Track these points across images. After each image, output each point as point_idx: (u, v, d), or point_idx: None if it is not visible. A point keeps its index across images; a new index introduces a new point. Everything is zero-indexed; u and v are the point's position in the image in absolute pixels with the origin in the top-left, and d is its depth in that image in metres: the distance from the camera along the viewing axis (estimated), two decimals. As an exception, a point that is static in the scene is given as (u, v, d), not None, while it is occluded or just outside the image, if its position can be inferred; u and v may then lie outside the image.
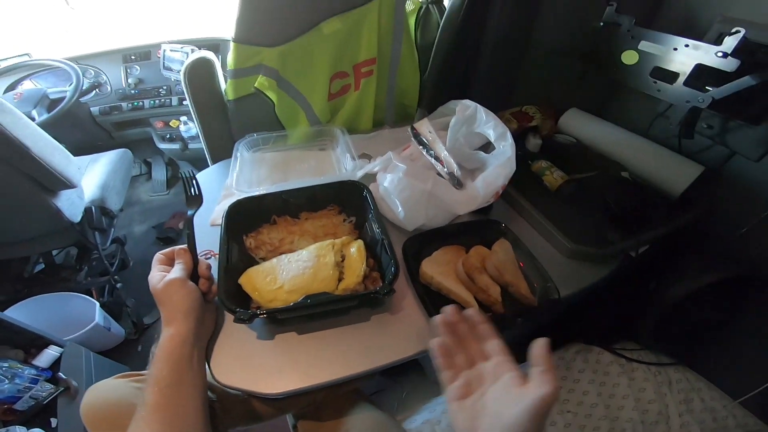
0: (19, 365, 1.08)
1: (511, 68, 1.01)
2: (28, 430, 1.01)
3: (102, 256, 1.40)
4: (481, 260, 0.69)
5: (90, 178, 1.46)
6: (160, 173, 2.17)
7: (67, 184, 1.18)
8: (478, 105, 0.76)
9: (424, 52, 1.06)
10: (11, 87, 1.59)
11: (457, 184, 0.78)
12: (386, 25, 0.96)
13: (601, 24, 0.84)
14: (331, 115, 1.03)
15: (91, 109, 1.70)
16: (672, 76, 0.75)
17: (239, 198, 0.73)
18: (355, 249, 0.66)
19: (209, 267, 0.61)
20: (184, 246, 0.61)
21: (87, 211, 1.34)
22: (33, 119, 1.42)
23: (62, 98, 1.45)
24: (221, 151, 1.01)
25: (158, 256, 0.60)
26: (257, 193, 0.74)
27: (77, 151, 1.69)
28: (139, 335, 1.51)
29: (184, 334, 0.51)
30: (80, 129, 1.72)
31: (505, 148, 0.70)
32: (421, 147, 0.83)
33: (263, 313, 0.57)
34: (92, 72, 1.68)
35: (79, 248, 1.52)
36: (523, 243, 0.71)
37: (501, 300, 0.64)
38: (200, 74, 0.91)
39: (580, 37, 0.91)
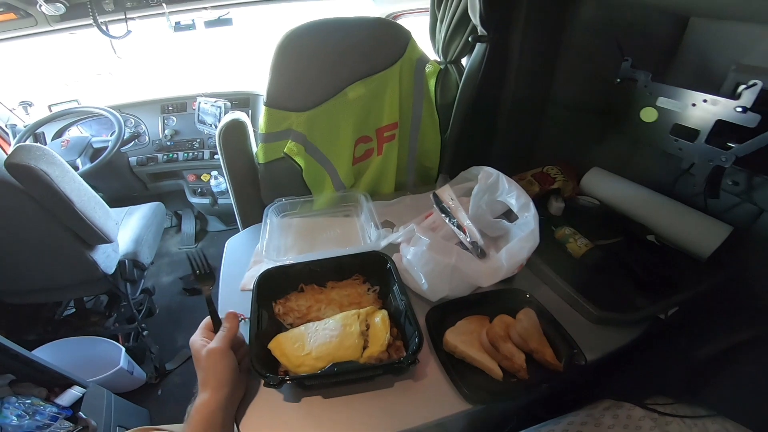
0: (41, 402, 1.13)
1: (531, 125, 1.04)
2: None
3: (131, 304, 1.46)
4: (505, 328, 0.69)
5: (125, 231, 1.53)
6: (189, 226, 2.26)
7: (105, 239, 1.25)
8: (501, 173, 0.79)
9: (444, 113, 1.10)
10: (59, 133, 1.70)
11: (480, 254, 0.79)
12: (407, 89, 1.02)
13: (618, 81, 0.84)
14: (354, 179, 1.07)
15: (130, 159, 1.79)
16: (692, 134, 0.74)
17: (269, 267, 0.76)
18: (380, 319, 0.68)
19: (241, 336, 0.65)
20: (233, 312, 0.66)
21: (120, 264, 1.41)
22: (77, 168, 1.53)
23: (105, 147, 1.54)
24: (251, 212, 1.06)
25: (206, 321, 0.66)
26: (286, 263, 0.77)
27: (114, 201, 1.79)
28: (160, 380, 1.54)
29: (220, 401, 0.55)
30: (119, 178, 1.82)
31: (528, 219, 0.72)
32: (443, 215, 0.86)
33: (291, 379, 0.60)
34: (132, 121, 1.78)
35: (110, 296, 1.58)
36: (547, 311, 0.72)
37: (525, 366, 0.64)
38: (234, 136, 0.98)
39: (598, 93, 0.92)
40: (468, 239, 0.80)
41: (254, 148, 1.02)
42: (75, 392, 1.19)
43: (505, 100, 1.03)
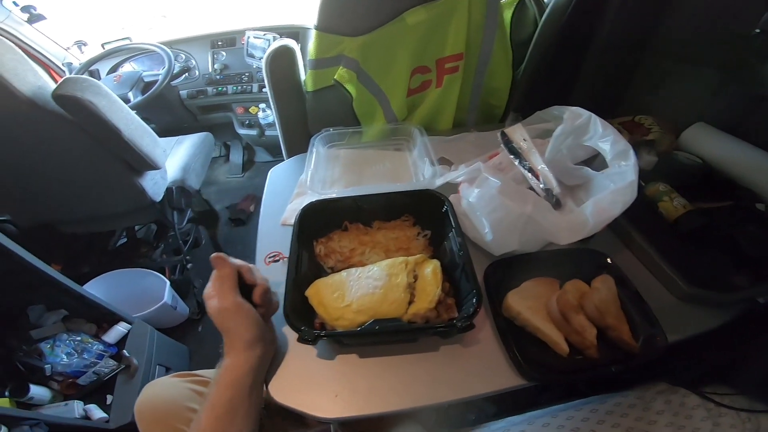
0: (90, 339, 1.16)
1: (624, 74, 0.86)
2: (84, 405, 1.07)
3: (177, 234, 1.48)
4: (578, 297, 0.59)
5: (173, 159, 1.54)
6: (237, 157, 2.27)
7: (153, 166, 1.25)
8: (593, 114, 0.64)
9: (517, 49, 0.94)
10: (113, 69, 1.72)
11: (555, 203, 0.67)
12: (477, 19, 0.86)
13: (757, 31, 0.68)
14: (408, 112, 0.95)
15: (180, 92, 1.79)
16: None
17: (312, 201, 0.68)
18: (430, 270, 0.59)
19: (267, 291, 0.55)
20: (219, 255, 0.54)
21: (168, 190, 1.41)
22: (129, 100, 1.53)
23: (155, 81, 1.54)
24: (296, 143, 0.99)
25: (216, 259, 0.54)
26: (331, 197, 0.69)
27: (165, 132, 1.81)
28: (202, 316, 1.58)
29: (245, 367, 0.48)
30: (169, 111, 1.83)
31: (626, 170, 0.58)
32: (512, 156, 0.73)
33: (328, 336, 0.53)
34: (183, 56, 1.76)
35: (158, 226, 1.61)
36: (629, 281, 0.60)
37: (596, 344, 0.54)
38: (281, 63, 0.89)
39: (721, 44, 0.76)
40: (541, 185, 0.68)
41: (302, 77, 0.93)
42: (121, 329, 1.22)
43: (597, 42, 0.85)
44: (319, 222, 0.69)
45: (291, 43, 0.90)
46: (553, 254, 0.64)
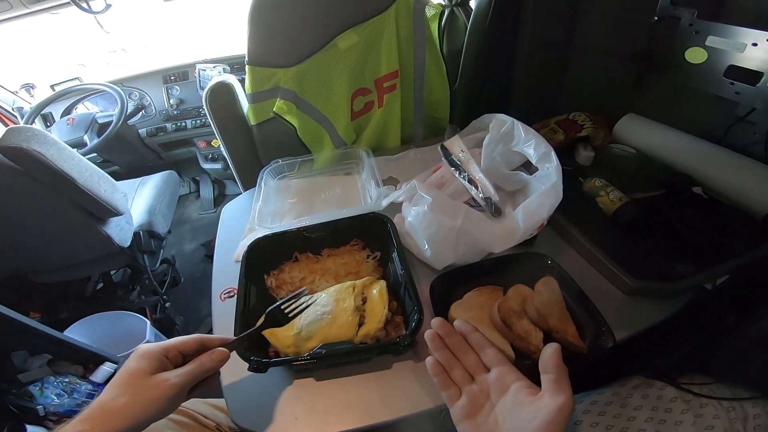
0: (78, 380, 1.17)
1: (553, 73, 0.90)
2: None
3: (151, 277, 1.48)
4: (521, 302, 0.61)
5: (138, 202, 1.54)
6: (207, 192, 2.27)
7: (114, 212, 1.25)
8: (516, 120, 0.67)
9: (452, 60, 0.97)
10: (67, 111, 1.71)
11: (495, 211, 0.70)
12: (406, 35, 0.90)
13: (656, 18, 0.73)
14: (356, 135, 0.98)
15: (139, 131, 1.79)
16: (753, 76, 0.64)
17: (258, 236, 0.71)
18: (377, 291, 0.62)
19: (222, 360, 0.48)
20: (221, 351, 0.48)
21: (136, 235, 1.41)
22: (85, 144, 1.53)
23: (110, 122, 1.54)
24: (250, 176, 0.99)
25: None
26: (278, 230, 0.71)
27: (130, 172, 1.82)
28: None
29: None
30: (131, 151, 1.83)
31: (550, 172, 0.61)
32: (453, 168, 0.76)
33: (275, 364, 0.55)
34: (137, 94, 1.77)
35: (132, 269, 1.61)
36: (573, 280, 0.62)
37: (542, 347, 0.56)
38: (222, 99, 0.91)
39: (631, 34, 0.80)
40: (480, 195, 0.71)
41: (246, 110, 0.95)
42: (107, 368, 1.23)
43: (522, 43, 0.89)
44: (268, 255, 0.71)
45: (228, 78, 0.92)
46: (496, 262, 0.66)
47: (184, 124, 1.78)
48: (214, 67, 1.65)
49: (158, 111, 1.78)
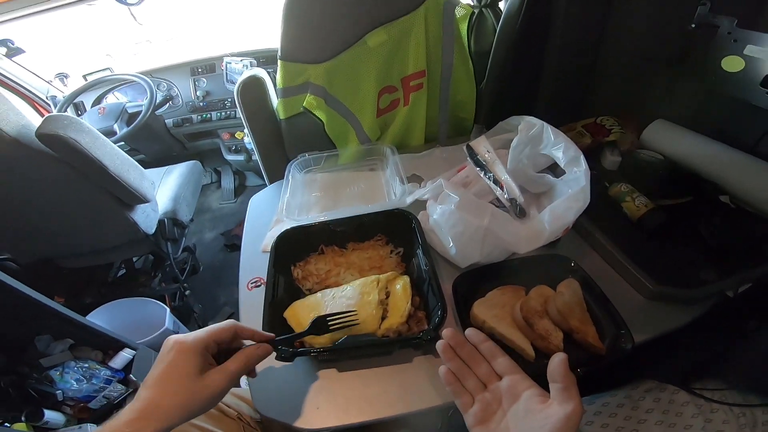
0: (97, 366, 1.21)
1: (582, 76, 0.90)
2: (97, 426, 1.12)
3: (173, 264, 1.52)
4: (542, 302, 0.62)
5: (163, 190, 1.58)
6: (228, 182, 2.32)
7: (142, 199, 1.29)
8: (545, 123, 0.68)
9: (480, 61, 0.98)
10: (98, 100, 1.77)
11: (519, 212, 0.71)
12: (435, 34, 0.91)
13: (693, 26, 0.72)
14: (380, 132, 1.00)
15: (166, 121, 1.83)
16: None
17: (287, 228, 0.73)
18: (401, 286, 0.63)
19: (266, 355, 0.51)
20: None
21: (160, 223, 1.46)
22: (115, 132, 1.58)
23: (139, 112, 1.58)
24: (277, 169, 1.02)
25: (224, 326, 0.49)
26: (305, 223, 0.74)
27: (155, 161, 1.86)
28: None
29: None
30: (157, 140, 1.87)
31: (578, 176, 0.62)
32: (478, 169, 0.77)
33: (300, 354, 0.57)
34: (165, 85, 1.81)
35: (155, 256, 1.66)
36: (595, 283, 0.63)
37: (563, 347, 0.57)
38: (253, 93, 0.94)
39: (666, 40, 0.79)
40: (506, 195, 0.72)
41: (275, 104, 0.97)
42: (126, 355, 1.27)
43: (551, 46, 0.89)
44: (295, 247, 0.73)
45: (260, 72, 0.95)
46: (519, 262, 0.68)
47: (209, 115, 1.81)
48: (240, 60, 1.68)
49: (185, 102, 1.82)
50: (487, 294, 0.63)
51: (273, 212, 0.88)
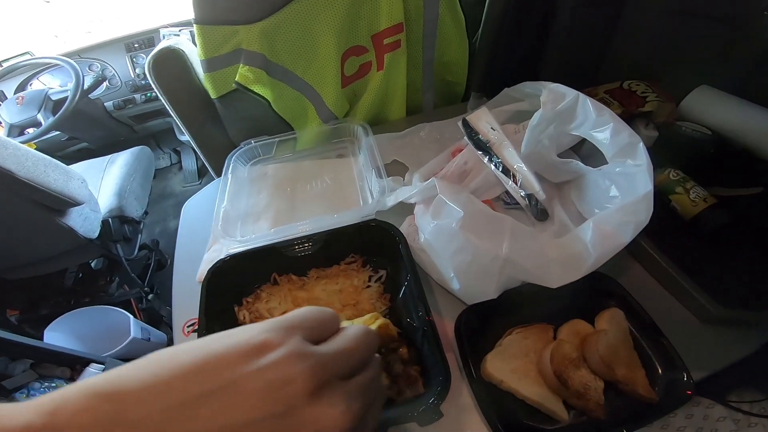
0: (65, 384, 1.02)
1: (603, 31, 0.66)
2: None
3: (127, 268, 1.27)
4: (579, 345, 0.44)
5: (106, 184, 1.31)
6: (190, 163, 2.00)
7: (72, 202, 1.03)
8: (582, 94, 0.45)
9: (472, 12, 0.71)
10: (21, 87, 1.44)
11: (539, 214, 0.49)
12: (414, -25, 0.64)
13: None
14: (349, 106, 0.75)
15: (105, 104, 1.53)
16: None
17: (223, 257, 0.50)
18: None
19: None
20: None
21: (104, 223, 1.20)
22: (40, 123, 1.29)
23: (66, 98, 1.27)
24: (222, 159, 0.78)
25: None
26: (249, 246, 0.51)
27: (103, 148, 1.58)
28: (181, 341, 1.41)
29: None
30: (99, 126, 1.57)
31: (636, 173, 0.40)
32: (480, 152, 0.55)
33: None
34: (98, 65, 1.49)
35: (108, 259, 1.41)
36: (643, 310, 0.45)
37: (603, 402, 0.41)
38: (170, 70, 0.67)
39: None
40: (521, 191, 0.50)
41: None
42: (93, 370, 1.07)
43: None
44: (237, 279, 0.51)
45: (180, 42, 0.67)
46: (542, 287, 0.47)
47: (154, 94, 1.50)
48: (180, 31, 1.36)
49: (124, 82, 1.51)
50: (503, 340, 0.43)
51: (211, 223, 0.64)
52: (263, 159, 0.70)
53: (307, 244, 0.50)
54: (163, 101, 0.70)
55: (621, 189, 0.43)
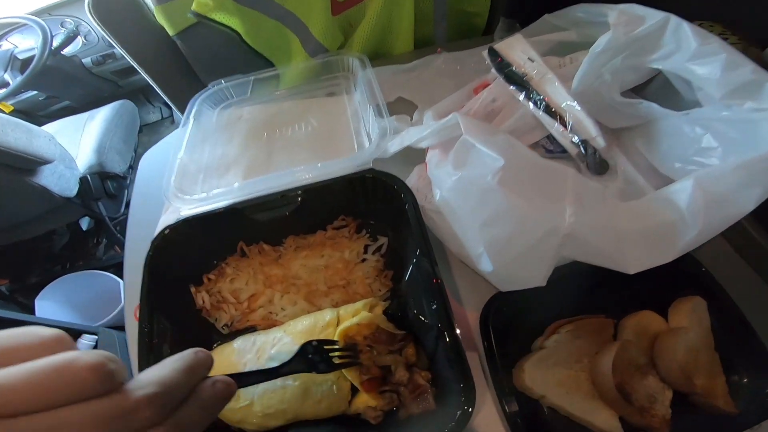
0: None
1: None
2: None
3: (111, 227, 1.16)
4: (647, 346, 0.31)
5: (86, 141, 1.17)
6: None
7: (40, 161, 0.91)
8: (675, 17, 0.30)
9: None
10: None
11: (598, 167, 0.35)
12: None
13: None
14: (344, 37, 0.58)
15: (83, 61, 1.36)
16: None
17: (172, 224, 0.36)
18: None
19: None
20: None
21: (84, 181, 1.07)
22: (8, 83, 1.13)
23: (33, 57, 1.11)
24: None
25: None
26: (207, 208, 0.37)
27: (86, 105, 1.44)
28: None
29: None
30: (78, 84, 1.40)
31: (762, 121, 0.25)
32: (513, 87, 0.39)
33: None
34: (70, 22, 1.29)
35: (94, 219, 1.28)
36: (734, 303, 0.32)
37: (670, 418, 0.29)
38: (115, 7, 0.53)
39: None
40: (572, 137, 0.35)
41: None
42: (86, 342, 0.98)
43: None
44: (195, 251, 0.37)
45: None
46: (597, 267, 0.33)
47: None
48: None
49: (101, 37, 1.32)
50: (548, 342, 0.31)
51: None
52: (236, 102, 0.54)
53: (280, 205, 0.36)
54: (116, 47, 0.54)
55: (724, 140, 0.28)
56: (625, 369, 0.29)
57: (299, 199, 0.36)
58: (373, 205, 0.36)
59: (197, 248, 0.37)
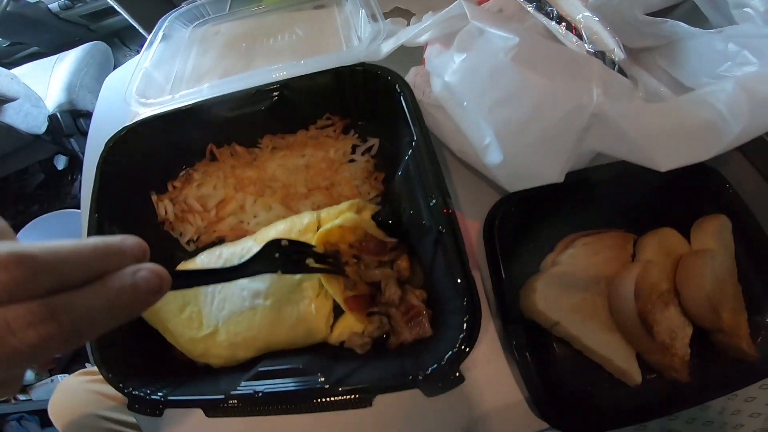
0: None
1: None
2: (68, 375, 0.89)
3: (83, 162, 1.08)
4: (671, 268, 0.27)
5: (55, 81, 1.09)
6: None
7: (1, 99, 0.83)
8: None
9: None
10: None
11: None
12: None
13: None
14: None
15: (49, 6, 1.24)
16: None
17: (129, 125, 0.30)
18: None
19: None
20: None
21: (53, 118, 1.01)
22: None
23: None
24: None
25: None
26: (170, 107, 0.31)
27: (57, 49, 1.32)
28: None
29: None
30: (45, 29, 1.28)
31: None
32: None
33: (176, 404, 0.24)
34: None
35: (68, 156, 1.20)
36: (758, 224, 0.28)
37: (689, 358, 0.26)
38: None
39: None
40: (587, 46, 0.30)
41: None
42: None
43: None
44: (157, 156, 0.32)
45: None
46: (618, 173, 0.28)
47: (107, -10, 1.18)
48: None
49: None
50: (562, 255, 0.26)
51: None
52: (213, 18, 0.47)
53: (257, 100, 0.30)
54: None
55: (764, 56, 0.24)
56: (647, 295, 0.25)
57: (275, 93, 0.30)
58: (364, 103, 0.31)
59: (161, 152, 0.32)
